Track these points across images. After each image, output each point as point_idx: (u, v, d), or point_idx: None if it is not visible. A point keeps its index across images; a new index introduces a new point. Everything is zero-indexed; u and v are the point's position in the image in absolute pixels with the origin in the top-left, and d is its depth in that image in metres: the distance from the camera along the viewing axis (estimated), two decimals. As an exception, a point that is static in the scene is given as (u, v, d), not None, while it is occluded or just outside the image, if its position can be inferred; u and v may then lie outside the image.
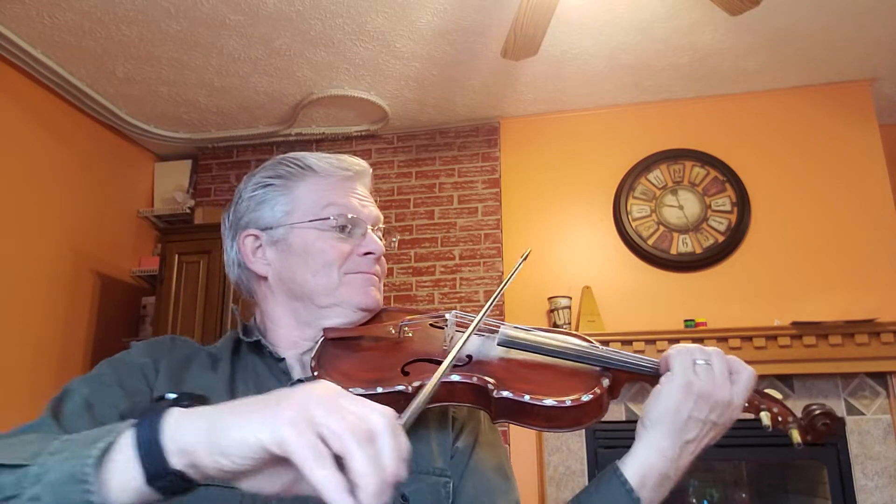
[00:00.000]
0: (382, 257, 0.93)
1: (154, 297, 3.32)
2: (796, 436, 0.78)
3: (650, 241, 3.11)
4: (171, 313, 3.17)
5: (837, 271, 2.92)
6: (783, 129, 3.14)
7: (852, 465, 2.70)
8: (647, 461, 0.75)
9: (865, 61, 2.95)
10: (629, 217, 3.15)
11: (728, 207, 3.09)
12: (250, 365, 0.87)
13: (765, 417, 0.79)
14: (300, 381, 0.81)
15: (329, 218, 0.87)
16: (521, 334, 0.82)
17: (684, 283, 3.06)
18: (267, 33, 2.68)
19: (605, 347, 0.82)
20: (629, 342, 2.85)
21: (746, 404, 0.78)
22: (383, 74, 3.00)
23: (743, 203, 3.06)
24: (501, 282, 3.22)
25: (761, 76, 3.07)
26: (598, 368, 0.79)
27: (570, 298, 3.02)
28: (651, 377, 0.79)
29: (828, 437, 0.78)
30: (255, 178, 0.92)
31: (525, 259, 0.91)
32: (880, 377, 2.78)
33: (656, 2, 2.53)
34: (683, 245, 3.09)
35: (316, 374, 0.78)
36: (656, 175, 3.20)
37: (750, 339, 2.76)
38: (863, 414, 2.76)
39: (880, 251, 2.90)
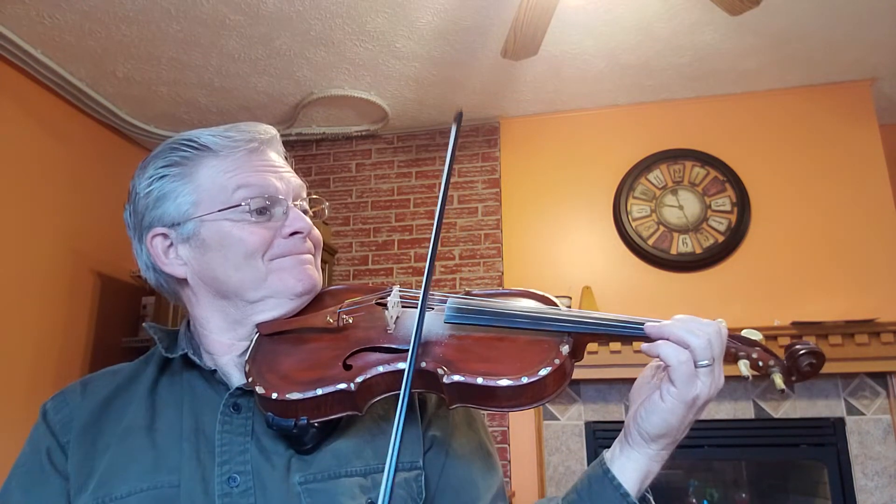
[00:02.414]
0: (314, 230, 0.83)
1: (154, 297, 3.32)
2: (780, 381, 0.70)
3: (650, 241, 3.11)
4: (171, 313, 3.17)
5: (837, 271, 2.92)
6: (783, 128, 3.14)
7: (852, 465, 2.70)
8: (646, 470, 0.70)
9: (865, 61, 2.95)
10: (629, 217, 3.15)
11: (728, 207, 3.09)
12: (185, 380, 0.79)
13: (743, 367, 0.71)
14: (239, 389, 0.75)
15: (241, 204, 0.77)
16: (470, 307, 0.75)
17: (684, 283, 3.06)
18: (267, 33, 2.68)
19: (565, 308, 0.76)
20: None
21: None
22: (383, 74, 3.00)
23: (743, 203, 3.06)
24: (502, 283, 3.22)
25: (761, 76, 3.07)
26: (556, 333, 0.72)
27: (570, 298, 3.02)
28: (625, 338, 0.72)
29: (813, 376, 0.70)
30: (148, 169, 0.81)
31: (459, 123, 0.79)
32: (880, 377, 2.78)
33: (656, 2, 2.53)
34: (683, 245, 3.09)
35: (250, 379, 0.72)
36: (656, 175, 3.20)
37: (750, 339, 2.76)
38: (863, 414, 2.76)
39: (880, 251, 2.90)
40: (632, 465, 0.70)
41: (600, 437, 2.93)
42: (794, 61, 2.95)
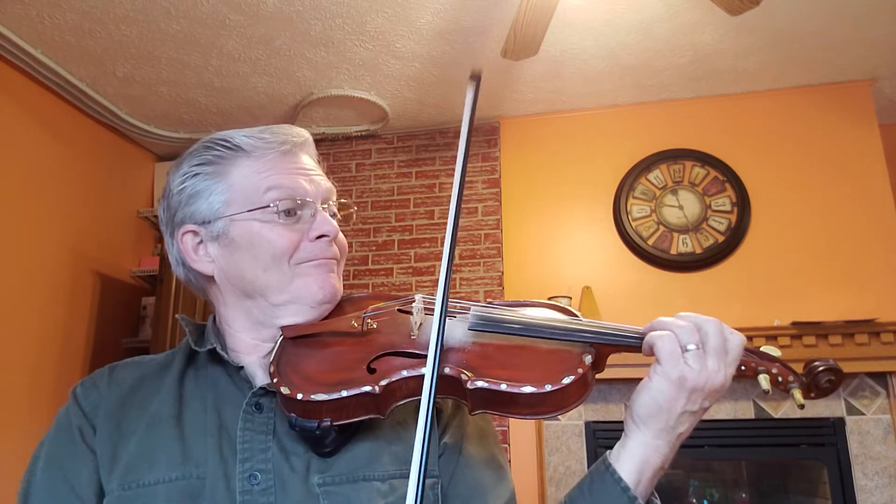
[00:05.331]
0: (340, 235, 0.84)
1: (154, 297, 3.32)
2: (799, 396, 0.72)
3: (650, 241, 3.11)
4: (171, 313, 3.17)
5: (837, 271, 2.92)
6: (783, 128, 3.14)
7: (852, 465, 2.70)
8: (642, 458, 0.70)
9: (865, 61, 2.94)
10: (629, 217, 3.15)
11: (728, 207, 3.09)
12: (210, 375, 0.81)
13: (763, 381, 0.72)
14: (262, 389, 0.76)
15: (270, 205, 0.78)
16: (494, 315, 0.76)
17: (684, 283, 3.06)
18: (267, 33, 2.67)
19: (586, 319, 0.76)
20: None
21: (742, 367, 0.72)
22: (383, 74, 3.00)
23: (743, 203, 3.06)
24: (502, 282, 3.22)
25: (761, 76, 3.07)
26: (579, 344, 0.72)
27: (570, 298, 3.02)
28: (639, 349, 0.73)
29: (832, 392, 0.72)
30: (183, 167, 0.83)
31: (478, 85, 0.78)
32: (880, 377, 2.78)
33: (657, 2, 2.53)
34: (683, 245, 3.09)
35: (275, 380, 0.72)
36: (656, 175, 3.20)
37: (750, 339, 2.72)
38: (863, 414, 2.76)
39: (880, 251, 2.90)
40: (626, 454, 0.71)
41: (600, 437, 2.93)
42: (794, 61, 2.95)
